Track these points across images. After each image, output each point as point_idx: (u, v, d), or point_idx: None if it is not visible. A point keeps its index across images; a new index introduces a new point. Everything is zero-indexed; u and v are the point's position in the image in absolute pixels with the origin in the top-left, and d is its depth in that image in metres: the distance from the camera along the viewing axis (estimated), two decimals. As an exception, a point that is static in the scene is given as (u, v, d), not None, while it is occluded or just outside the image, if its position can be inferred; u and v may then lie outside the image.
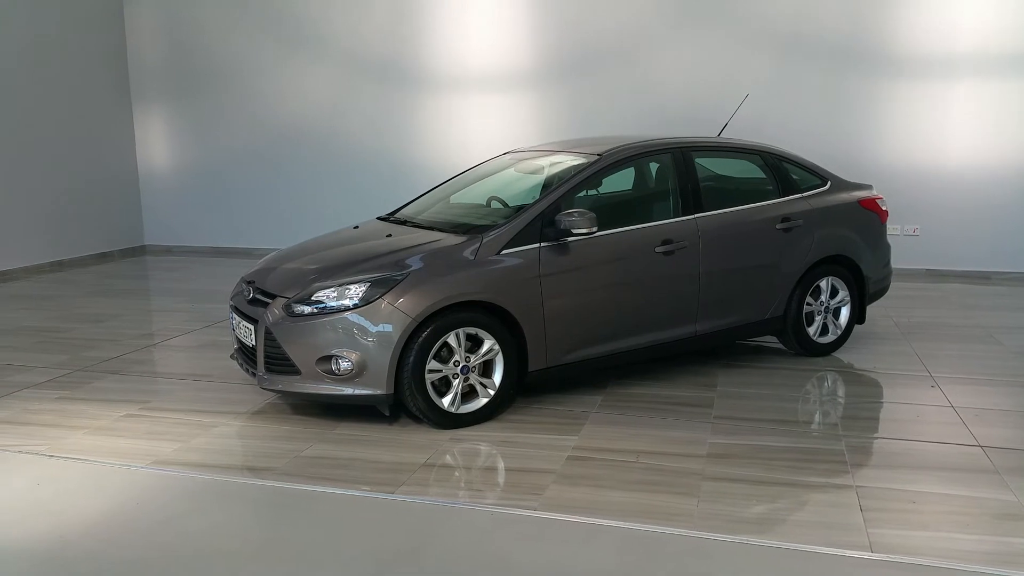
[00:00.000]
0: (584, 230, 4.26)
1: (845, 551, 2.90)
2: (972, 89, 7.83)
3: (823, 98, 8.20)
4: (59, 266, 9.38)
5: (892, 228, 6.70)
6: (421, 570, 2.84)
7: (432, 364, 4.01)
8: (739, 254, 4.91)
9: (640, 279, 4.59)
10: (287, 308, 4.12)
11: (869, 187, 5.66)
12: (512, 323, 4.19)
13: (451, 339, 4.04)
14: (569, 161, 4.87)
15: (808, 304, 5.21)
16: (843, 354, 5.41)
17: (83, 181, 9.75)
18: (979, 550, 2.91)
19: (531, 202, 4.48)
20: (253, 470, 3.69)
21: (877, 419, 4.32)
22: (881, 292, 5.65)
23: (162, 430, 4.17)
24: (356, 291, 4.02)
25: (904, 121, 8.05)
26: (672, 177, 4.88)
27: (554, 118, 8.94)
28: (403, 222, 4.96)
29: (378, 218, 5.25)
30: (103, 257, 10.05)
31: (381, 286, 4.01)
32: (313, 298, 4.08)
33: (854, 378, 5.00)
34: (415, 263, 4.12)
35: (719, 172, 5.33)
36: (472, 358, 4.11)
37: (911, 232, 8.19)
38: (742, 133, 6.69)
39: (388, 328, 3.93)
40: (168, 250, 10.64)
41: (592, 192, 4.81)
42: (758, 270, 4.99)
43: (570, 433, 4.08)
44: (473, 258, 4.17)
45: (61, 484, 3.54)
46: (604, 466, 3.68)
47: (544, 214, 4.35)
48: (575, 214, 4.25)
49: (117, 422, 4.29)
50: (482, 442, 3.99)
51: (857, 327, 5.54)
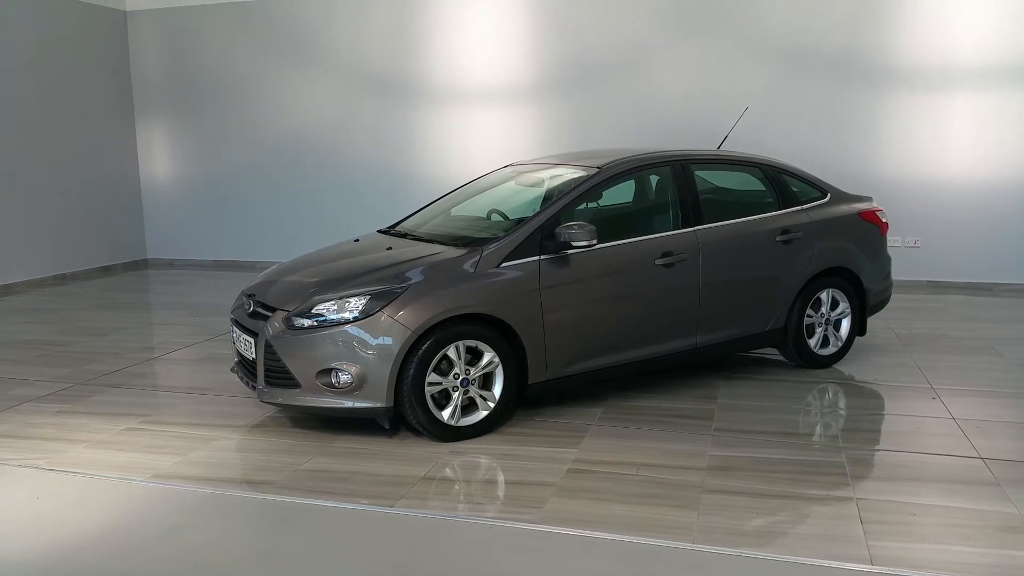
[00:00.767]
0: (584, 243, 4.27)
1: (845, 564, 2.89)
2: (972, 101, 7.85)
3: (823, 110, 8.22)
4: (62, 279, 9.41)
5: (893, 240, 6.70)
6: (420, 584, 2.83)
7: (432, 377, 4.01)
8: (739, 266, 4.92)
9: (640, 291, 4.59)
10: (287, 321, 4.13)
11: (869, 199, 5.67)
12: (512, 336, 4.20)
13: (451, 352, 4.04)
14: (569, 174, 4.89)
15: (809, 316, 5.21)
16: (844, 366, 5.41)
17: (86, 195, 9.80)
18: (980, 563, 2.90)
19: (531, 215, 4.49)
20: (252, 483, 3.69)
21: (878, 431, 4.31)
22: (882, 304, 5.65)
23: (162, 443, 4.17)
24: (356, 304, 4.03)
25: (904, 133, 8.07)
26: (672, 189, 4.89)
27: (555, 131, 8.97)
28: (404, 235, 4.98)
29: (379, 231, 5.26)
30: (106, 271, 10.08)
31: (381, 299, 4.01)
32: (313, 311, 4.09)
33: (855, 390, 4.99)
34: (415, 276, 4.13)
35: (719, 184, 5.34)
36: (472, 371, 4.11)
37: (912, 244, 8.19)
38: (742, 145, 6.71)
39: (388, 341, 3.94)
40: (171, 263, 10.67)
41: (592, 205, 4.83)
42: (758, 282, 4.99)
43: (570, 446, 4.07)
44: (473, 271, 4.18)
45: (60, 498, 3.54)
46: (604, 479, 3.67)
47: (544, 227, 4.36)
48: (575, 227, 4.26)
49: (117, 436, 4.29)
50: (482, 455, 3.99)
51: (858, 339, 5.54)
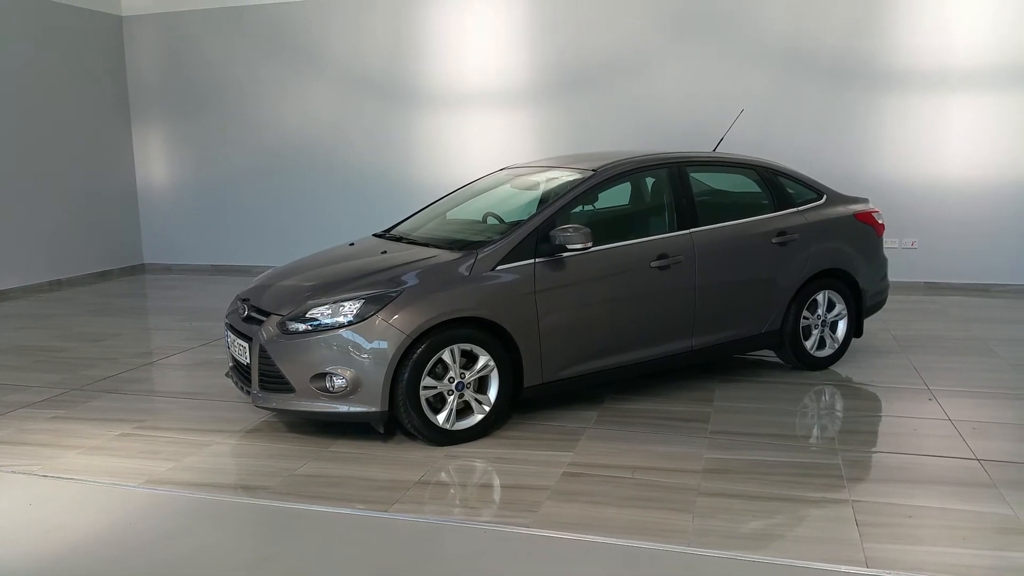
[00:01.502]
0: (579, 245, 4.26)
1: (841, 567, 2.88)
2: (968, 103, 7.86)
3: (820, 112, 8.22)
4: (58, 285, 9.39)
5: (890, 241, 6.71)
6: (414, 589, 2.82)
7: (427, 381, 4.00)
8: (735, 268, 4.91)
9: (636, 294, 4.58)
10: (281, 325, 4.12)
11: (865, 200, 5.66)
12: (507, 339, 4.19)
13: (446, 355, 4.03)
14: (564, 177, 4.88)
15: (805, 318, 5.21)
16: (840, 368, 5.40)
17: (82, 200, 9.79)
18: (977, 564, 2.89)
19: (526, 218, 4.48)
20: (247, 488, 3.67)
21: (874, 433, 4.30)
22: (878, 305, 5.64)
23: (156, 449, 4.16)
24: (350, 308, 4.02)
25: (901, 135, 8.07)
26: (667, 192, 4.89)
27: (551, 134, 8.98)
28: (399, 239, 4.97)
29: (374, 235, 5.26)
30: (102, 276, 10.06)
31: (375, 303, 4.00)
32: (307, 315, 4.08)
33: (851, 392, 4.99)
34: (410, 279, 4.12)
35: (714, 187, 5.34)
36: (467, 374, 4.11)
37: (909, 245, 8.19)
38: (739, 148, 6.71)
39: (383, 345, 3.93)
40: (167, 268, 10.65)
41: (587, 207, 4.82)
42: (754, 284, 4.98)
43: (565, 449, 4.06)
44: (468, 274, 4.17)
45: (54, 504, 3.53)
46: (599, 482, 3.66)
47: (539, 230, 4.35)
48: (570, 229, 4.26)
49: (112, 441, 4.28)
50: (477, 459, 3.98)
51: (855, 340, 5.54)
